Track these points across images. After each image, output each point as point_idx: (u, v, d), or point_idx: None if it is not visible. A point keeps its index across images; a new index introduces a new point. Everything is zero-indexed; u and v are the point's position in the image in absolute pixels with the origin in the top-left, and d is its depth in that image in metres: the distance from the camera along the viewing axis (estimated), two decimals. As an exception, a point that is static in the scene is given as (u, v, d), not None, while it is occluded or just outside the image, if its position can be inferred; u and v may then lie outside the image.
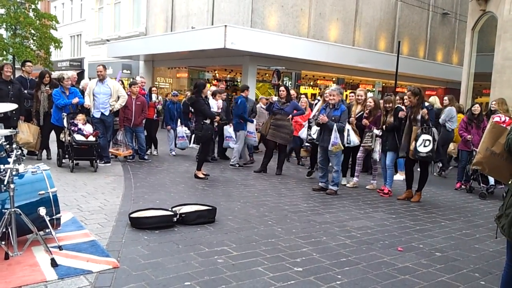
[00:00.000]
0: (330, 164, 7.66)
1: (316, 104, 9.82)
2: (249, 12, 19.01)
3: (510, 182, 2.91)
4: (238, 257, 4.20)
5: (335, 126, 7.31)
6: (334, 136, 7.32)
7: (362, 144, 8.14)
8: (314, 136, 8.18)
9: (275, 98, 9.80)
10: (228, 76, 22.94)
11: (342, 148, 7.51)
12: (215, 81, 21.88)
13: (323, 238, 5.00)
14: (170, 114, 11.37)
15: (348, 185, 8.32)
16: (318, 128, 7.78)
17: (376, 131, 7.82)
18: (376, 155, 7.88)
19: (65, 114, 8.39)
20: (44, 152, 9.31)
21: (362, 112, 8.28)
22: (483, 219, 6.43)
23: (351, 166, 8.73)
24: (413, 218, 6.20)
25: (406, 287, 3.75)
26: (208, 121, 8.15)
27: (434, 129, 6.97)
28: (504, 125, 3.09)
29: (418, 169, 7.50)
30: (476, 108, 8.73)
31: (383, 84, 24.91)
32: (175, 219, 5.11)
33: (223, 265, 3.97)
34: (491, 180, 8.15)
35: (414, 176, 7.54)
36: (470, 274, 4.19)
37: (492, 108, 10.05)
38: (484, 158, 3.11)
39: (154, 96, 10.99)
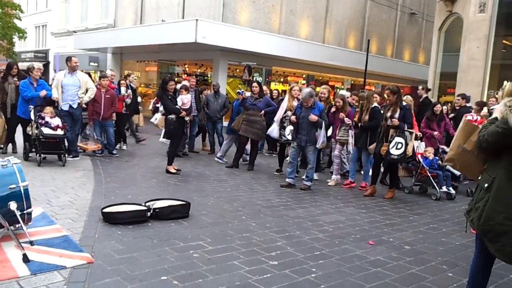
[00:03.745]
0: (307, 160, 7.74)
1: (281, 100, 9.72)
2: (220, 6, 18.93)
3: (479, 178, 3.04)
4: (214, 252, 4.21)
5: (323, 124, 7.41)
6: (323, 134, 7.44)
7: (337, 138, 8.24)
8: (289, 137, 8.25)
9: (247, 94, 9.80)
10: (199, 70, 22.79)
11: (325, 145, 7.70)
12: (185, 75, 21.69)
13: (297, 233, 5.07)
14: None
15: (330, 183, 8.33)
16: (292, 127, 7.87)
17: (347, 120, 7.95)
18: (350, 147, 8.00)
19: (32, 106, 8.15)
20: (10, 145, 9.03)
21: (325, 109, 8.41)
22: (449, 214, 6.65)
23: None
24: (382, 213, 6.35)
25: (378, 279, 3.86)
26: (173, 116, 8.07)
27: (407, 133, 7.09)
28: (476, 124, 3.20)
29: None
30: (437, 108, 9.01)
31: (352, 82, 25.30)
32: (148, 214, 5.07)
33: (199, 260, 3.98)
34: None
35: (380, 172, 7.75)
36: (438, 266, 4.34)
37: (456, 106, 10.42)
38: (456, 155, 3.23)
39: (123, 89, 10.80)
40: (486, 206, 2.83)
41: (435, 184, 7.59)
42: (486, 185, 2.86)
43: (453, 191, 7.74)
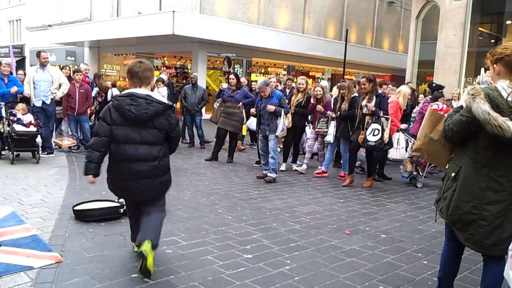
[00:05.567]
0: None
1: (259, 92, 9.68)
2: (198, -3, 18.72)
3: (447, 167, 3.02)
4: (187, 247, 4.15)
5: (282, 112, 7.36)
6: (282, 122, 7.38)
7: (316, 130, 8.21)
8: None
9: (225, 86, 9.71)
10: (178, 63, 22.54)
11: (285, 134, 7.65)
12: (164, 68, 21.44)
13: (273, 224, 5.03)
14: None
15: (297, 168, 8.36)
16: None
17: (331, 113, 7.93)
18: (330, 138, 7.97)
19: (3, 103, 7.95)
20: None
21: (302, 100, 8.35)
22: (425, 201, 6.68)
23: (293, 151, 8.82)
24: (360, 202, 6.36)
25: (352, 269, 3.84)
26: None
27: (383, 119, 7.09)
28: (442, 113, 3.19)
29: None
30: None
31: (332, 72, 25.32)
32: (121, 210, 4.96)
33: (172, 256, 3.92)
34: None
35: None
36: (414, 254, 4.35)
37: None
38: (423, 144, 3.21)
39: (95, 90, 10.53)
40: (454, 195, 2.82)
41: None
42: (453, 174, 2.84)
43: None
